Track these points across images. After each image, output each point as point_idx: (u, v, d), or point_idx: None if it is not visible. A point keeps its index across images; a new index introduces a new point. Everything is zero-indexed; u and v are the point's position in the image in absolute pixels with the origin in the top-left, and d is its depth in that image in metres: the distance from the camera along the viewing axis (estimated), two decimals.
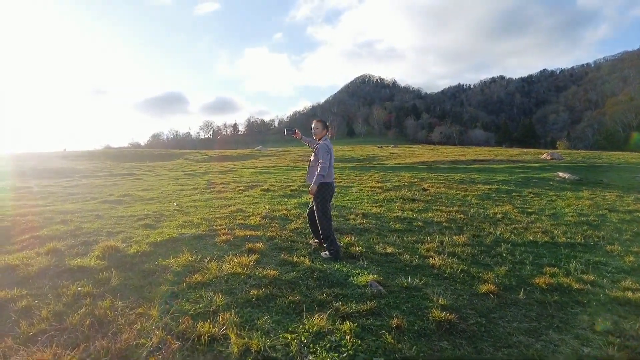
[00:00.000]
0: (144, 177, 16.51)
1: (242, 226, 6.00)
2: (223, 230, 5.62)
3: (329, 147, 4.74)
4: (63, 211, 7.34)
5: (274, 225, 6.08)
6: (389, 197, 9.39)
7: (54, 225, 6.05)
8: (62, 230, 5.68)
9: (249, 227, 5.91)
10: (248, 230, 5.64)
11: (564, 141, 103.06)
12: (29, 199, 10.18)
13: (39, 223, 6.20)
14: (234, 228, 5.82)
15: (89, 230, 5.66)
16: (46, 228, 5.82)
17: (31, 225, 6.03)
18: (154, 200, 9.07)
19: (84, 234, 5.46)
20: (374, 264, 4.49)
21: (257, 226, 6.03)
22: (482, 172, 17.88)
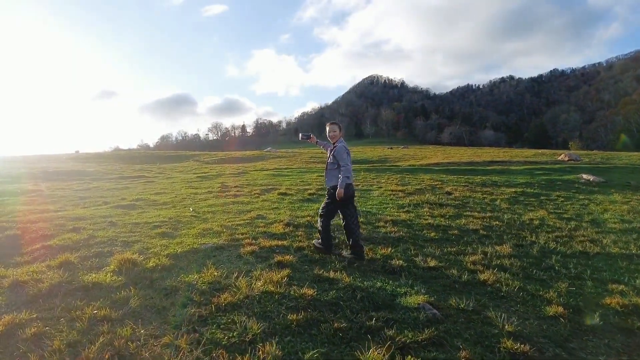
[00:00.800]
0: (156, 179, 16.19)
1: (266, 235, 5.57)
2: (247, 239, 5.19)
3: (347, 148, 4.71)
4: (74, 217, 6.98)
5: (299, 234, 5.64)
6: (414, 201, 8.91)
7: (66, 233, 5.67)
8: (74, 239, 5.30)
9: (273, 236, 5.47)
10: (273, 240, 5.20)
11: (577, 142, 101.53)
12: (39, 203, 9.88)
13: (49, 231, 5.84)
14: (257, 237, 5.39)
15: (102, 240, 5.27)
16: (57, 237, 5.45)
17: (41, 234, 5.67)
18: (169, 205, 8.68)
19: (97, 244, 5.07)
20: (419, 280, 4.03)
21: (282, 235, 5.59)
22: (502, 174, 17.31)
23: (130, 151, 47.40)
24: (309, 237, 5.48)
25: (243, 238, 5.31)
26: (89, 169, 22.33)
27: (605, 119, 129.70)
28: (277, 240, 5.17)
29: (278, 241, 5.13)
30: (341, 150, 4.62)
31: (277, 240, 5.17)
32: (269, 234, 5.64)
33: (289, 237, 5.49)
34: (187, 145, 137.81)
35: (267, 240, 5.17)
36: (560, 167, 20.95)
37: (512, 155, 32.37)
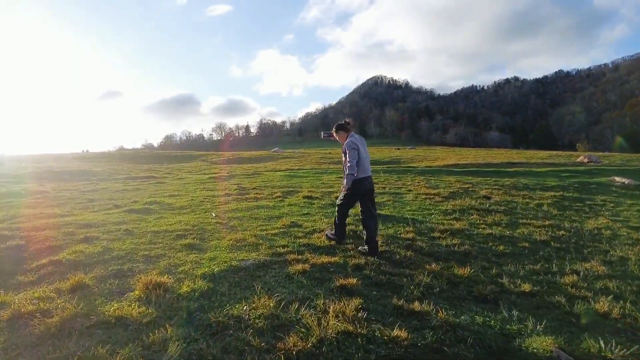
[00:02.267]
0: (166, 180, 15.41)
1: (311, 248, 4.74)
2: (291, 254, 4.37)
3: (356, 142, 4.55)
4: (85, 224, 6.18)
5: (349, 247, 4.80)
6: (456, 206, 8.07)
7: (76, 244, 4.87)
8: (87, 252, 4.49)
9: (320, 250, 4.65)
10: (322, 255, 4.38)
11: (584, 143, 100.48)
12: (45, 206, 9.10)
13: (57, 241, 5.04)
14: (302, 251, 4.56)
15: (120, 254, 4.46)
16: (67, 249, 4.64)
17: (48, 245, 4.87)
18: (187, 209, 7.88)
19: (115, 260, 4.26)
20: (523, 311, 3.19)
21: (330, 248, 4.76)
22: (527, 176, 16.47)
23: (136, 151, 46.76)
24: (360, 251, 4.65)
25: (285, 252, 4.49)
26: (95, 169, 21.59)
27: (612, 121, 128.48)
28: (327, 256, 4.34)
29: (328, 257, 4.30)
30: (348, 146, 4.54)
31: (327, 256, 4.34)
32: (313, 246, 4.82)
33: (339, 251, 4.66)
34: (191, 145, 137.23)
35: (315, 256, 4.35)
36: (584, 169, 20.07)
37: (527, 156, 31.48)
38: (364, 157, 4.57)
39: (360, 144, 4.59)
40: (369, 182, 4.66)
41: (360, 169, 4.51)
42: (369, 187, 4.66)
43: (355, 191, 4.59)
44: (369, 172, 4.67)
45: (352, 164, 4.43)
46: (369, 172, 4.67)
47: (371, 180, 4.73)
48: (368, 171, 4.63)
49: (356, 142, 4.56)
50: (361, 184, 4.55)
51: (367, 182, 4.61)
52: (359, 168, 4.49)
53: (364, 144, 4.72)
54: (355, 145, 4.52)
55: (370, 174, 4.74)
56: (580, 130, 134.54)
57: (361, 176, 4.52)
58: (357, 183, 4.53)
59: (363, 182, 4.56)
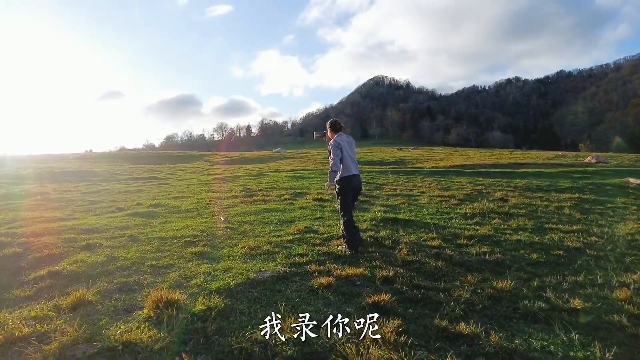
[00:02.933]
0: (169, 181, 15.06)
1: (332, 257, 4.38)
2: (312, 265, 4.00)
3: (339, 141, 4.60)
4: (86, 229, 5.83)
5: (374, 256, 4.44)
6: (475, 210, 7.70)
7: (78, 252, 4.52)
8: (89, 262, 4.14)
9: (342, 260, 4.28)
10: (346, 266, 4.01)
11: (587, 143, 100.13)
12: (45, 209, 8.76)
13: (57, 248, 4.69)
14: (323, 261, 4.20)
15: (125, 264, 4.10)
16: (67, 258, 4.29)
17: (48, 253, 4.51)
18: (193, 213, 7.53)
19: (119, 270, 3.90)
20: (583, 334, 2.82)
21: (351, 257, 4.39)
22: (538, 177, 16.11)
23: (138, 151, 46.42)
24: (386, 260, 4.28)
25: (305, 262, 4.13)
26: (97, 169, 21.26)
27: (614, 121, 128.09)
28: (351, 267, 3.97)
29: (353, 268, 3.93)
30: (331, 146, 4.60)
31: (351, 267, 3.97)
32: (333, 255, 4.45)
33: (362, 260, 4.29)
34: (193, 145, 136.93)
35: (338, 267, 3.98)
36: (595, 170, 19.70)
37: (533, 157, 31.10)
38: (347, 156, 4.61)
39: (344, 144, 4.64)
40: (358, 180, 4.74)
41: (344, 167, 4.58)
42: (358, 185, 4.76)
43: (346, 189, 4.64)
44: (355, 171, 4.71)
45: (335, 161, 4.51)
46: (355, 171, 4.71)
47: (359, 179, 4.79)
48: (353, 170, 4.67)
49: (341, 142, 4.62)
50: (351, 181, 4.62)
51: (355, 180, 4.68)
52: (343, 166, 4.57)
53: (352, 144, 4.79)
54: (338, 144, 4.58)
55: (358, 172, 4.79)
56: (583, 130, 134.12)
57: (347, 174, 4.59)
58: (347, 181, 4.60)
59: (352, 180, 4.64)
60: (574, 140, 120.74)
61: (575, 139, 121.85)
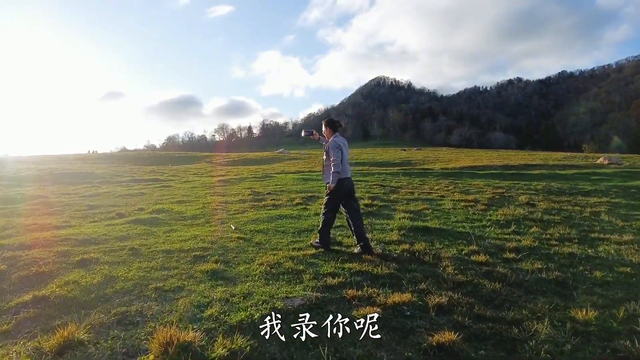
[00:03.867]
0: (172, 183, 14.43)
1: (368, 278, 3.73)
2: (348, 289, 3.35)
3: (339, 143, 4.60)
4: (82, 239, 5.20)
5: (417, 276, 3.79)
6: (507, 216, 7.06)
7: (70, 270, 3.89)
8: (83, 284, 3.51)
9: (381, 281, 3.64)
10: (388, 291, 3.37)
11: (590, 144, 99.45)
12: (41, 214, 8.15)
13: (48, 264, 4.05)
14: (360, 283, 3.55)
15: (125, 286, 3.47)
16: (58, 278, 3.66)
17: (35, 271, 3.88)
18: (200, 219, 6.90)
19: (119, 295, 3.27)
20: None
21: (390, 277, 3.74)
22: (555, 179, 15.45)
23: (139, 152, 45.87)
24: (432, 282, 3.65)
25: (338, 284, 3.49)
26: (97, 171, 20.66)
27: (617, 122, 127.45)
28: (396, 292, 3.33)
29: (398, 293, 3.28)
30: (332, 146, 4.57)
31: (395, 292, 3.32)
32: (369, 275, 3.81)
33: (405, 281, 3.65)
34: (194, 146, 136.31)
35: (379, 291, 3.34)
36: (612, 171, 19.04)
37: (542, 158, 30.48)
38: (344, 158, 4.61)
39: (343, 145, 4.63)
40: (349, 182, 4.74)
41: (343, 169, 4.57)
42: (350, 187, 4.74)
43: (342, 191, 4.63)
44: (349, 174, 4.74)
45: (337, 162, 4.47)
46: (349, 173, 4.73)
47: (351, 181, 4.81)
48: (348, 172, 4.69)
49: (340, 143, 4.60)
50: (343, 184, 4.60)
51: (347, 183, 4.67)
52: (342, 168, 4.55)
53: (347, 147, 4.77)
54: (338, 145, 4.56)
55: (350, 175, 4.80)
56: (585, 131, 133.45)
57: (342, 177, 4.57)
58: (340, 183, 4.57)
59: (344, 182, 4.62)
60: (576, 141, 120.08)
61: (577, 139, 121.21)
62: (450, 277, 3.72)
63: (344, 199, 4.73)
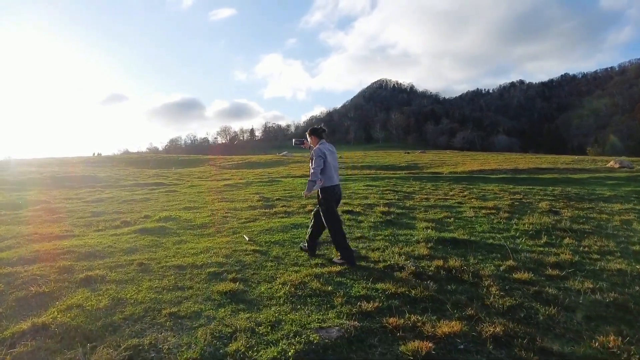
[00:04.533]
0: (177, 188, 14.06)
1: (406, 300, 3.33)
2: (389, 317, 2.96)
3: (323, 150, 4.53)
4: (86, 252, 4.83)
5: (460, 299, 3.39)
6: (535, 225, 6.65)
7: (74, 291, 3.51)
8: (88, 308, 3.13)
9: (421, 306, 3.24)
10: (432, 317, 2.98)
11: (595, 147, 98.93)
12: (42, 221, 7.80)
13: (49, 284, 3.67)
14: (399, 308, 3.15)
15: (136, 311, 3.09)
16: (60, 300, 3.29)
17: (35, 291, 3.50)
18: (210, 228, 6.52)
19: (129, 323, 2.89)
20: None
21: (431, 300, 3.35)
22: (570, 184, 15.01)
23: (142, 155, 45.58)
24: (479, 306, 3.25)
25: (375, 310, 3.10)
26: (100, 174, 20.33)
27: (621, 124, 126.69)
28: (442, 320, 2.93)
29: (446, 322, 2.88)
30: (315, 153, 4.50)
31: (441, 320, 2.93)
32: (407, 298, 3.40)
33: (450, 306, 3.25)
34: (197, 148, 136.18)
35: (424, 320, 2.94)
36: (626, 175, 18.62)
37: (550, 162, 29.99)
38: (331, 165, 4.55)
39: (328, 152, 4.57)
40: (339, 189, 4.68)
41: (327, 177, 4.49)
42: (340, 194, 4.70)
43: (330, 199, 4.55)
44: (337, 181, 4.65)
45: (316, 171, 4.41)
46: (337, 180, 4.64)
47: (340, 188, 4.74)
48: (335, 179, 4.60)
49: (324, 150, 4.53)
50: (333, 191, 4.56)
51: (337, 190, 4.62)
52: (325, 176, 4.48)
53: (334, 153, 4.72)
54: (322, 153, 4.49)
55: (339, 182, 4.72)
56: (589, 133, 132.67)
57: (329, 184, 4.51)
58: (329, 191, 4.52)
59: (335, 190, 4.58)
60: (580, 143, 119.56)
61: (581, 142, 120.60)
62: (498, 301, 3.32)
63: (335, 205, 4.64)
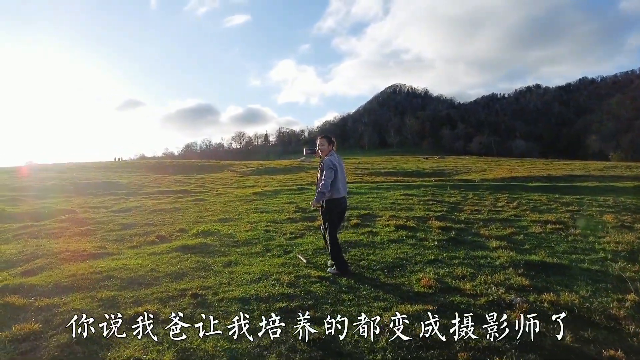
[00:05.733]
0: (203, 196, 13.53)
1: (541, 354, 2.63)
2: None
3: (334, 162, 4.50)
4: (129, 279, 4.23)
5: (610, 350, 2.66)
6: (623, 244, 5.84)
7: (127, 336, 2.89)
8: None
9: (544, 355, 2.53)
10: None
11: (618, 152, 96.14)
12: (72, 234, 7.34)
13: (94, 324, 3.05)
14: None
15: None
16: (112, 350, 2.67)
17: (79, 336, 2.88)
18: (256, 245, 5.89)
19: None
20: None
21: (582, 356, 2.63)
22: (616, 193, 14.02)
23: (160, 160, 45.61)
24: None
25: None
26: (121, 180, 20.02)
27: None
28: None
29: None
30: (326, 165, 4.48)
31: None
32: (544, 351, 2.69)
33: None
34: (212, 154, 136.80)
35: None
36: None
37: (581, 168, 28.81)
38: (340, 178, 4.54)
39: (338, 164, 4.56)
40: (344, 201, 4.70)
41: (334, 189, 4.47)
42: (344, 206, 4.74)
43: (333, 210, 4.56)
44: (344, 193, 4.64)
45: (327, 183, 4.38)
46: (344, 192, 4.63)
47: (346, 200, 4.74)
48: (342, 192, 4.59)
49: (335, 162, 4.52)
50: (339, 203, 4.58)
51: (343, 202, 4.65)
52: (334, 188, 4.46)
53: (342, 165, 4.70)
54: (333, 165, 4.46)
55: (345, 194, 4.69)
56: (609, 138, 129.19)
57: (337, 196, 4.51)
58: (335, 202, 4.53)
59: (340, 201, 4.59)
60: (601, 148, 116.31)
61: (602, 147, 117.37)
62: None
63: (338, 216, 4.66)
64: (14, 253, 5.75)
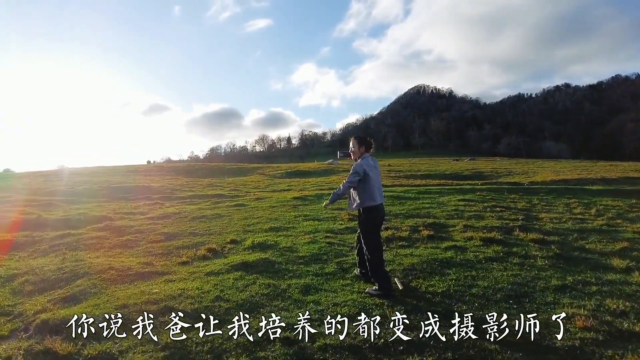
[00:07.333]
0: (241, 200, 12.78)
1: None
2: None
3: (364, 166, 4.05)
4: (193, 312, 3.40)
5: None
6: None
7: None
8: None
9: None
10: None
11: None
12: (111, 246, 6.66)
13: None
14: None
15: None
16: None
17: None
18: (328, 264, 4.99)
19: None
20: None
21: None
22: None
23: (188, 163, 45.69)
24: None
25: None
26: (153, 184, 19.59)
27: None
28: None
29: None
30: (352, 169, 4.07)
31: None
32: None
33: None
34: (236, 157, 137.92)
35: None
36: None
37: (635, 170, 26.77)
38: (373, 183, 4.06)
39: (369, 168, 4.07)
40: (383, 209, 4.20)
41: (368, 196, 4.03)
42: (383, 214, 4.23)
43: (374, 221, 4.09)
44: (380, 200, 4.13)
45: (344, 185, 4.05)
46: (380, 199, 4.13)
47: (383, 208, 4.24)
48: (378, 199, 4.09)
49: (364, 166, 4.04)
50: (378, 211, 4.10)
51: (381, 209, 4.16)
52: (367, 195, 4.02)
53: (376, 169, 4.22)
54: (361, 169, 4.01)
55: (382, 202, 4.17)
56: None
57: (373, 204, 4.03)
58: (373, 210, 4.05)
59: (378, 209, 4.11)
60: (637, 149, 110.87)
61: (638, 147, 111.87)
62: None
63: (379, 227, 4.22)
64: (52, 270, 5.06)
